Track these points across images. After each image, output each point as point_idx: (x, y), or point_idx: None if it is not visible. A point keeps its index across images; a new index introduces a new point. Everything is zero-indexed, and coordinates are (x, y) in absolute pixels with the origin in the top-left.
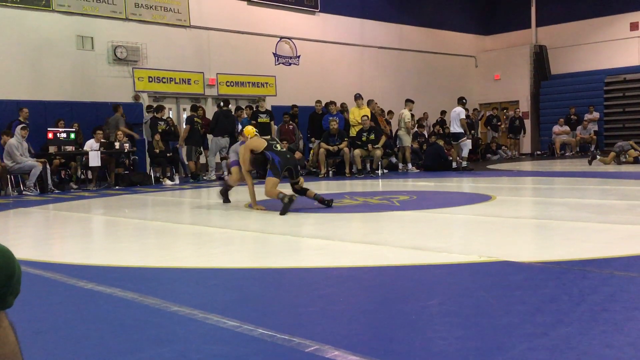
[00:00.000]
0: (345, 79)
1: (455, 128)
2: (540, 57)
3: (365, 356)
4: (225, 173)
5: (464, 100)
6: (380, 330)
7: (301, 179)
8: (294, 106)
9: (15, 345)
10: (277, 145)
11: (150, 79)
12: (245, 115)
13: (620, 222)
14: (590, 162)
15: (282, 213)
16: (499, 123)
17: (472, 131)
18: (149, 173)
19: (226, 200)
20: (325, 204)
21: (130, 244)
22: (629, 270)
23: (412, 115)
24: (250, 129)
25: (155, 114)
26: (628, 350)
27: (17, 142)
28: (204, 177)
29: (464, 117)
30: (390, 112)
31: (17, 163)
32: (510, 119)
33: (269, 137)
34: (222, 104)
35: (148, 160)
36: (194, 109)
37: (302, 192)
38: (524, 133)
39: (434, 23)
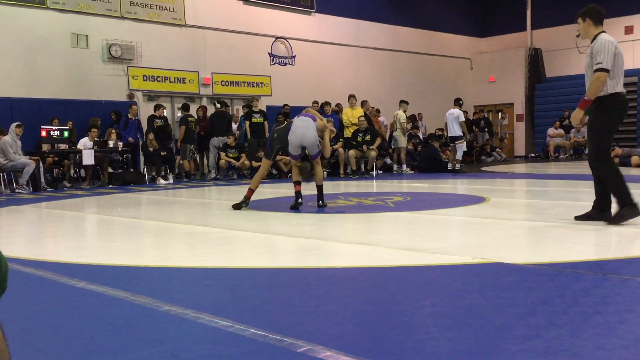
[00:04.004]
0: (340, 79)
1: (456, 131)
2: (535, 60)
3: (358, 357)
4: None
5: (461, 102)
6: (373, 330)
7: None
8: (285, 105)
9: (2, 343)
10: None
11: (145, 78)
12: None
13: (613, 225)
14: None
15: (236, 207)
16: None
17: (466, 133)
18: (142, 172)
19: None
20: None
21: (123, 243)
22: (621, 272)
23: (412, 117)
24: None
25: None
26: (620, 352)
27: (11, 139)
28: (207, 177)
29: (464, 119)
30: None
31: (10, 161)
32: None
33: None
34: (217, 104)
35: (142, 159)
36: (185, 108)
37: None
38: (491, 136)
39: (429, 25)
